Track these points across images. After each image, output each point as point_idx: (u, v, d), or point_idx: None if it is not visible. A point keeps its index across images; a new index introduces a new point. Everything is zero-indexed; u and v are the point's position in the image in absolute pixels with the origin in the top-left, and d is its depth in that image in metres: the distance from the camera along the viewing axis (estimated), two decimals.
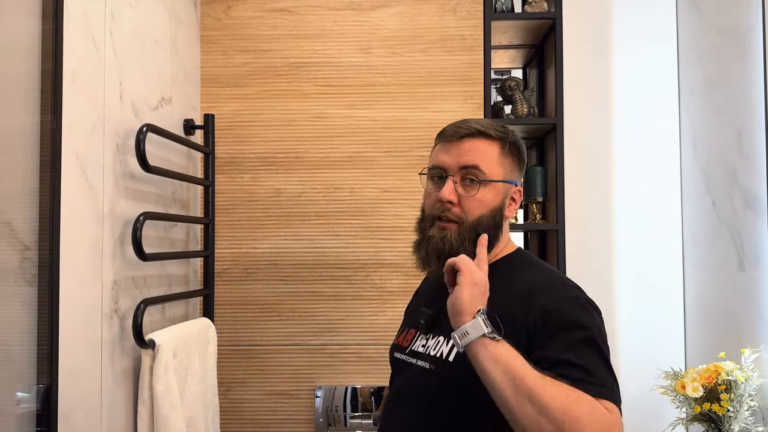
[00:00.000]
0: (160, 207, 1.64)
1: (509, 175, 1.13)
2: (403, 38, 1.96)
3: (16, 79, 1.14)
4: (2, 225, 1.13)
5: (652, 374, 1.72)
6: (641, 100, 2.01)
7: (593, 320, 1.01)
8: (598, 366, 0.95)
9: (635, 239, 1.98)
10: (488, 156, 1.10)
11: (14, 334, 1.14)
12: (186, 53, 1.86)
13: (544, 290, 1.04)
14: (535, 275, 1.10)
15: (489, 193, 1.10)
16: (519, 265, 1.14)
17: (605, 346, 1.00)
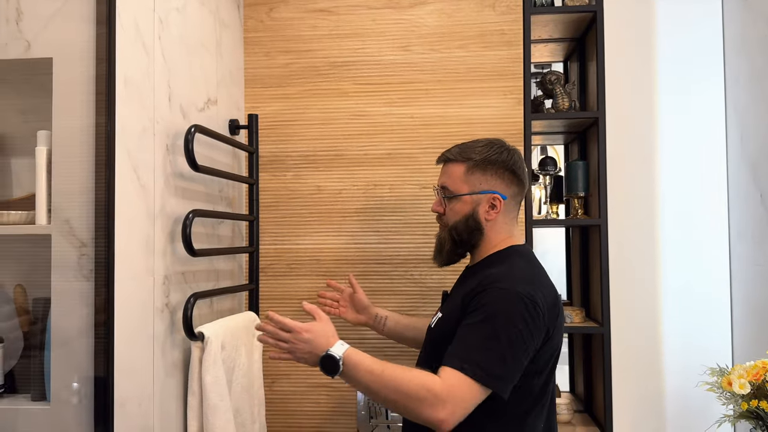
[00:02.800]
0: (207, 205, 1.70)
1: (477, 188, 1.40)
2: (441, 35, 1.97)
3: (74, 83, 1.21)
4: (61, 223, 1.20)
5: (698, 371, 1.70)
6: (685, 92, 1.98)
7: (506, 309, 1.22)
8: (475, 344, 1.21)
9: (680, 234, 1.95)
10: (454, 176, 1.42)
11: (73, 327, 1.21)
12: (230, 55, 1.92)
13: (489, 281, 1.28)
14: (496, 270, 1.32)
15: (457, 205, 1.41)
16: (495, 262, 1.37)
17: (507, 332, 1.20)
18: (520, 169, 1.42)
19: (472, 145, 1.44)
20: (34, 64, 1.23)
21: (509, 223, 1.43)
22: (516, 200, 1.44)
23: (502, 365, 1.20)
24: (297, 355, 1.27)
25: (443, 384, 1.17)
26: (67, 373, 1.20)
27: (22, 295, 1.31)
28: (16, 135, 1.35)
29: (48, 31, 1.22)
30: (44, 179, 1.23)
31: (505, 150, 1.42)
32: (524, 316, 1.22)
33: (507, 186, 1.41)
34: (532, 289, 1.26)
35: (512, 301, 1.23)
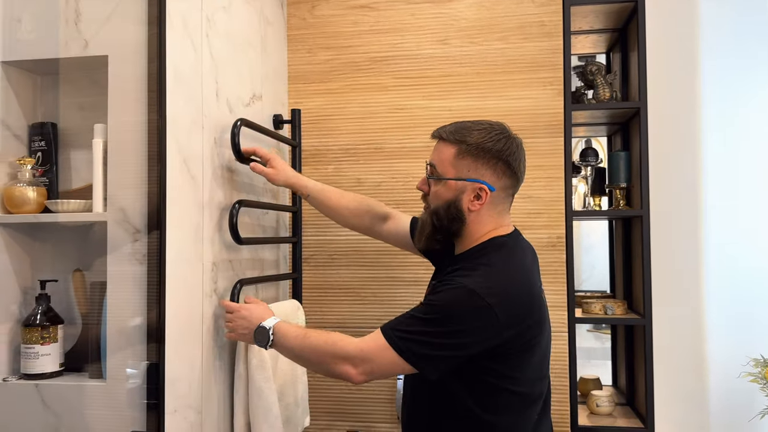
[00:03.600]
0: (252, 196, 1.76)
1: (465, 175, 1.31)
2: (480, 27, 1.99)
3: (128, 80, 1.28)
4: (117, 210, 1.28)
5: (742, 362, 1.67)
6: (729, 81, 1.94)
7: (449, 305, 1.22)
8: (408, 320, 1.25)
9: (723, 224, 1.91)
10: (442, 157, 1.33)
11: (127, 309, 1.28)
12: (274, 52, 1.98)
13: (454, 274, 1.28)
14: (467, 264, 1.29)
15: (440, 188, 1.34)
16: (471, 257, 1.32)
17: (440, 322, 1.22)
18: (516, 160, 1.33)
19: (469, 126, 1.34)
20: (91, 62, 1.31)
21: (496, 216, 1.34)
22: (507, 193, 1.35)
23: (426, 345, 1.22)
24: (238, 331, 1.43)
25: (360, 343, 1.27)
26: (122, 353, 1.28)
27: (80, 280, 1.40)
28: (75, 129, 1.43)
29: (104, 31, 1.30)
30: (101, 170, 1.31)
31: (503, 138, 1.32)
32: (469, 311, 1.21)
33: (497, 177, 1.31)
34: (489, 290, 1.22)
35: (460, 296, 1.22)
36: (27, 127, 1.41)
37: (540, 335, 1.29)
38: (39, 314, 1.33)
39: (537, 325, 1.28)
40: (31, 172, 1.35)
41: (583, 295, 2.23)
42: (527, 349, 1.27)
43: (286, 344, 1.35)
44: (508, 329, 1.22)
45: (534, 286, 1.31)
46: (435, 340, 1.22)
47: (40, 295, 1.35)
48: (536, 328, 1.28)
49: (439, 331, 1.22)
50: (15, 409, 1.29)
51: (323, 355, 1.30)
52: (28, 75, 1.41)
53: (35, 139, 1.40)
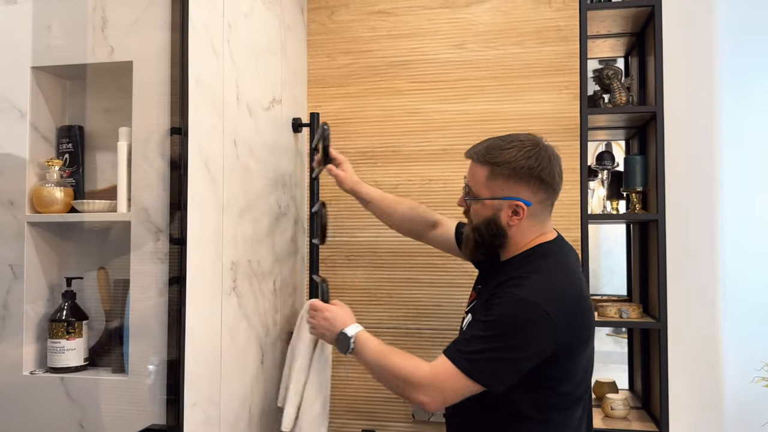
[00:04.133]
0: (272, 197, 1.80)
1: (500, 193, 1.34)
2: (497, 32, 2.01)
3: (151, 84, 1.33)
4: (140, 210, 1.32)
5: (756, 366, 1.66)
6: (746, 85, 1.93)
7: (510, 318, 1.24)
8: (470, 340, 1.27)
9: (739, 228, 1.90)
10: (476, 178, 1.37)
11: (149, 306, 1.32)
12: (294, 57, 2.02)
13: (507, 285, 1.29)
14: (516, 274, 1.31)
15: (478, 207, 1.38)
16: (519, 265, 1.35)
17: (504, 337, 1.24)
18: (549, 175, 1.33)
19: (500, 145, 1.35)
20: (116, 68, 1.36)
21: (537, 225, 1.37)
22: (545, 204, 1.36)
23: (494, 362, 1.24)
24: (318, 330, 1.48)
25: (431, 371, 1.28)
26: (143, 348, 1.32)
27: (104, 277, 1.44)
28: (101, 132, 1.48)
29: (129, 37, 1.35)
30: (125, 171, 1.35)
31: (534, 154, 1.32)
32: (529, 322, 1.23)
33: (533, 193, 1.33)
34: (543, 298, 1.24)
35: (519, 309, 1.24)
36: (55, 130, 1.46)
37: (589, 336, 1.33)
38: (65, 310, 1.38)
39: (588, 328, 1.32)
40: (58, 173, 1.40)
41: (599, 298, 2.23)
42: (578, 351, 1.30)
43: (365, 356, 1.38)
44: (565, 335, 1.25)
45: (582, 288, 1.33)
46: (501, 355, 1.24)
47: (66, 292, 1.40)
48: (586, 330, 1.32)
49: (503, 346, 1.24)
50: (41, 401, 1.34)
51: (398, 379, 1.32)
52: (56, 79, 1.46)
53: (63, 142, 1.45)
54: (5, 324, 1.36)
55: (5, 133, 1.39)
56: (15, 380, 1.35)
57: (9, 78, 1.39)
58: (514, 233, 1.36)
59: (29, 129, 1.39)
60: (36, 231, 1.39)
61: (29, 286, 1.37)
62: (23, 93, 1.38)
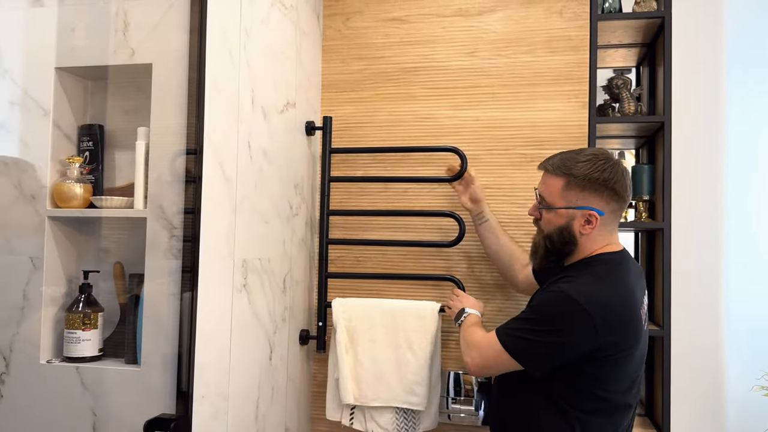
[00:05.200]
0: (284, 198, 1.84)
1: (574, 203, 1.43)
2: (508, 41, 2.04)
3: (170, 86, 1.38)
4: (156, 208, 1.37)
5: (758, 376, 1.67)
6: (754, 96, 1.95)
7: (551, 308, 1.38)
8: (515, 320, 1.44)
9: (744, 238, 1.92)
10: (551, 188, 1.46)
11: (162, 300, 1.37)
12: (309, 62, 2.06)
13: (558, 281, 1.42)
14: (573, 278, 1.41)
15: (551, 216, 1.46)
16: (580, 270, 1.44)
17: (542, 322, 1.38)
18: (621, 186, 1.42)
19: (574, 157, 1.44)
20: (136, 69, 1.42)
21: (606, 235, 1.45)
22: (616, 214, 1.45)
23: (528, 342, 1.39)
24: (450, 303, 1.81)
25: (481, 338, 1.49)
26: (156, 341, 1.37)
27: (120, 271, 1.50)
28: (120, 131, 1.54)
29: (149, 40, 1.40)
30: (142, 170, 1.40)
31: (608, 167, 1.41)
32: (566, 314, 1.33)
33: (606, 203, 1.42)
34: (586, 297, 1.33)
35: (561, 303, 1.36)
36: (77, 128, 1.52)
37: (635, 348, 1.38)
38: (81, 302, 1.43)
39: (633, 338, 1.37)
40: (78, 170, 1.45)
41: None
42: (621, 358, 1.36)
43: (462, 328, 1.62)
44: (605, 336, 1.32)
45: (634, 301, 1.39)
46: (535, 338, 1.37)
47: (83, 284, 1.45)
48: (632, 340, 1.37)
49: (538, 330, 1.37)
50: (57, 389, 1.39)
51: (463, 341, 1.56)
52: (79, 80, 1.52)
53: (84, 140, 1.51)
54: (24, 314, 1.41)
55: (29, 131, 1.45)
56: (32, 368, 1.40)
57: (34, 78, 1.45)
58: (584, 241, 1.44)
59: (52, 127, 1.45)
60: (56, 225, 1.45)
61: (48, 278, 1.43)
62: (47, 92, 1.44)
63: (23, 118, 1.45)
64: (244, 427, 1.60)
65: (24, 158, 1.45)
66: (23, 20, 1.47)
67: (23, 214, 1.43)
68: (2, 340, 1.42)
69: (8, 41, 1.46)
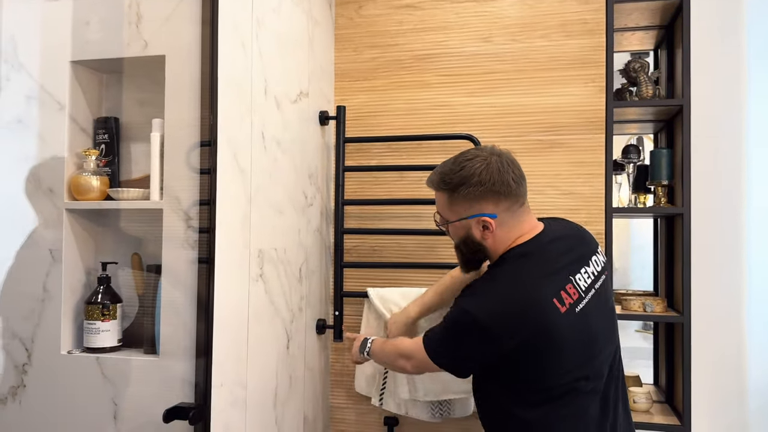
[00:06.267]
0: (298, 188, 1.84)
1: (465, 213, 1.41)
2: (523, 25, 2.01)
3: (183, 78, 1.38)
4: (172, 199, 1.38)
5: None
6: None
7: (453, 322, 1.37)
8: (438, 333, 1.42)
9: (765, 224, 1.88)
10: (440, 205, 1.47)
11: (179, 290, 1.38)
12: (322, 51, 2.06)
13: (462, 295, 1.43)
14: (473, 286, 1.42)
15: (451, 230, 1.47)
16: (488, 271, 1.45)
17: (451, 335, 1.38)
18: (503, 185, 1.37)
19: (452, 169, 1.41)
20: (150, 61, 1.42)
21: (512, 230, 1.41)
22: (512, 210, 1.39)
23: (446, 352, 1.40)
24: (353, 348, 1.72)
25: (413, 343, 1.48)
26: (174, 331, 1.38)
27: (138, 263, 1.51)
28: (135, 123, 1.55)
29: (162, 32, 1.40)
30: (158, 161, 1.41)
31: (483, 170, 1.37)
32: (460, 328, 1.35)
33: (494, 205, 1.38)
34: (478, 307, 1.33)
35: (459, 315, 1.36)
36: (92, 121, 1.53)
37: (549, 339, 1.29)
38: (100, 293, 1.45)
39: (543, 332, 1.29)
40: (95, 162, 1.46)
41: (624, 292, 2.23)
42: (540, 352, 1.30)
43: (378, 350, 1.62)
44: (508, 340, 1.29)
45: (537, 295, 1.31)
46: (448, 346, 1.40)
47: (102, 276, 1.46)
48: (543, 335, 1.29)
49: (448, 340, 1.39)
50: (78, 380, 1.41)
51: (391, 355, 1.56)
52: (94, 73, 1.53)
53: (99, 132, 1.52)
54: (44, 306, 1.43)
55: (46, 125, 1.46)
56: (53, 359, 1.43)
57: (50, 72, 1.46)
58: (491, 244, 1.43)
59: (68, 120, 1.46)
60: (74, 217, 1.46)
61: (67, 270, 1.45)
62: (63, 86, 1.45)
63: (40, 112, 1.47)
64: (263, 415, 1.61)
65: (41, 152, 1.46)
66: (37, 14, 1.48)
67: (41, 207, 1.45)
68: (24, 331, 1.44)
69: (23, 36, 1.47)
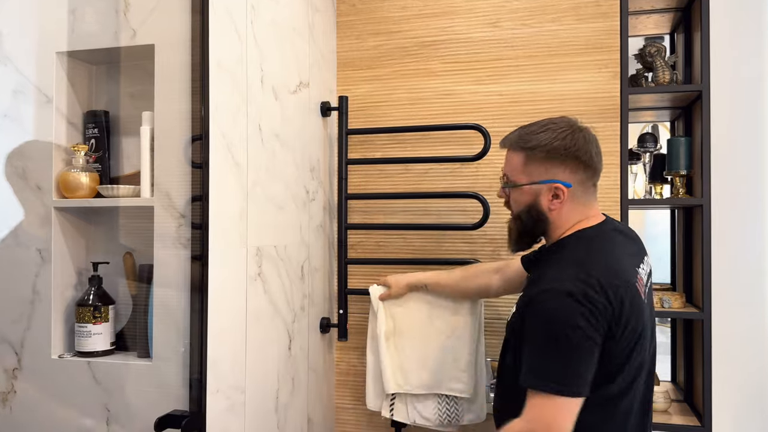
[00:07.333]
0: (299, 182, 1.77)
1: (537, 178, 1.33)
2: (533, 9, 1.92)
3: (173, 68, 1.31)
4: (163, 196, 1.32)
5: None
6: None
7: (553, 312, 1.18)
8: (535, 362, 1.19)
9: None
10: (513, 165, 1.37)
11: (172, 291, 1.32)
12: (323, 39, 1.98)
13: (537, 283, 1.27)
14: (549, 268, 1.29)
15: (517, 194, 1.37)
16: (554, 254, 1.33)
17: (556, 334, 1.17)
18: (586, 154, 1.30)
19: (533, 130, 1.34)
20: (139, 51, 1.35)
21: (580, 208, 1.33)
22: (586, 185, 1.33)
23: (568, 369, 1.16)
24: None
25: (524, 416, 1.18)
26: (167, 333, 1.32)
27: (130, 262, 1.45)
28: (125, 117, 1.48)
29: (151, 20, 1.33)
30: (148, 156, 1.35)
31: (569, 134, 1.30)
32: (580, 313, 1.16)
33: (572, 173, 1.30)
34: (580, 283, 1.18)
35: (558, 300, 1.18)
36: (81, 115, 1.47)
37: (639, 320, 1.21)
38: (91, 295, 1.39)
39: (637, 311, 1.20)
40: (84, 158, 1.40)
41: None
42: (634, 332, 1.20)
43: None
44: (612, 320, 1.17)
45: (623, 267, 1.24)
46: (572, 355, 1.17)
47: (93, 277, 1.41)
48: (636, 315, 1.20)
49: (568, 346, 1.16)
50: (69, 384, 1.36)
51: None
52: (82, 64, 1.46)
53: (89, 127, 1.46)
54: (34, 308, 1.38)
55: (32, 119, 1.40)
56: (44, 364, 1.37)
57: (35, 63, 1.40)
58: (555, 218, 1.34)
59: (55, 114, 1.40)
60: (63, 216, 1.40)
61: (57, 271, 1.39)
62: (49, 78, 1.39)
63: (26, 105, 1.41)
64: (264, 419, 1.55)
65: (28, 147, 1.40)
66: (23, 5, 1.42)
67: (29, 205, 1.39)
68: (13, 335, 1.39)
69: (8, 28, 1.41)
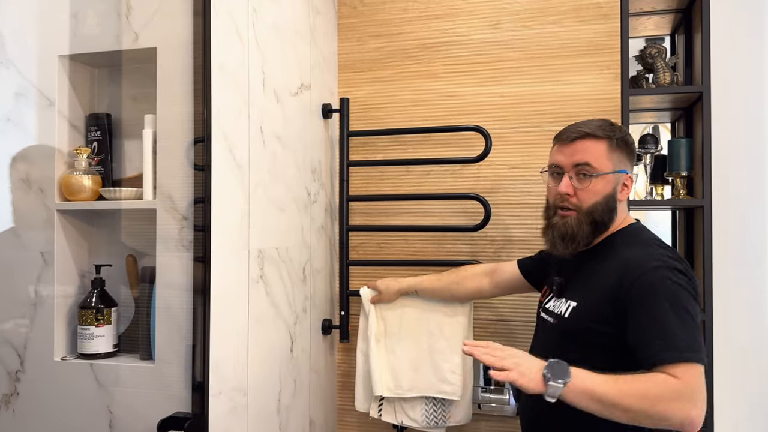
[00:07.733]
0: (300, 185, 1.77)
1: (618, 166, 1.35)
2: (533, 10, 1.93)
3: (175, 70, 1.31)
4: (165, 198, 1.32)
5: None
6: None
7: (672, 286, 1.19)
8: (673, 332, 1.16)
9: None
10: (597, 153, 1.34)
11: (174, 293, 1.32)
12: (324, 42, 1.98)
13: (634, 266, 1.25)
14: (630, 252, 1.29)
15: (600, 183, 1.34)
16: (622, 241, 1.34)
17: (685, 306, 1.18)
18: (635, 155, 1.42)
19: (606, 121, 1.39)
20: (141, 54, 1.35)
21: (627, 204, 1.42)
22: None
23: (701, 339, 1.18)
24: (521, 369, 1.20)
25: (681, 380, 1.12)
26: (169, 336, 1.32)
27: (132, 265, 1.45)
28: (128, 119, 1.49)
29: (153, 23, 1.33)
30: (150, 159, 1.35)
31: (626, 130, 1.42)
32: (688, 287, 1.21)
33: (632, 166, 1.39)
34: (677, 262, 1.24)
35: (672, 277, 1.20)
36: (84, 118, 1.47)
37: None
38: (94, 297, 1.39)
39: None
40: (87, 161, 1.40)
41: None
42: None
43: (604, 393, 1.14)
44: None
45: None
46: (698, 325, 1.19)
47: (95, 279, 1.41)
48: None
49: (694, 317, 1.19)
50: (72, 387, 1.36)
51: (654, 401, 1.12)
52: (84, 67, 1.47)
53: (91, 130, 1.46)
54: (37, 311, 1.38)
55: (34, 122, 1.40)
56: (47, 366, 1.37)
57: (39, 67, 1.40)
58: (621, 209, 1.38)
59: (58, 117, 1.40)
60: (65, 218, 1.41)
61: (59, 273, 1.39)
62: (51, 81, 1.39)
63: (28, 108, 1.41)
64: (266, 421, 1.55)
65: (31, 150, 1.41)
66: (25, 9, 1.42)
67: (32, 208, 1.39)
68: (16, 337, 1.39)
69: (10, 31, 1.41)
